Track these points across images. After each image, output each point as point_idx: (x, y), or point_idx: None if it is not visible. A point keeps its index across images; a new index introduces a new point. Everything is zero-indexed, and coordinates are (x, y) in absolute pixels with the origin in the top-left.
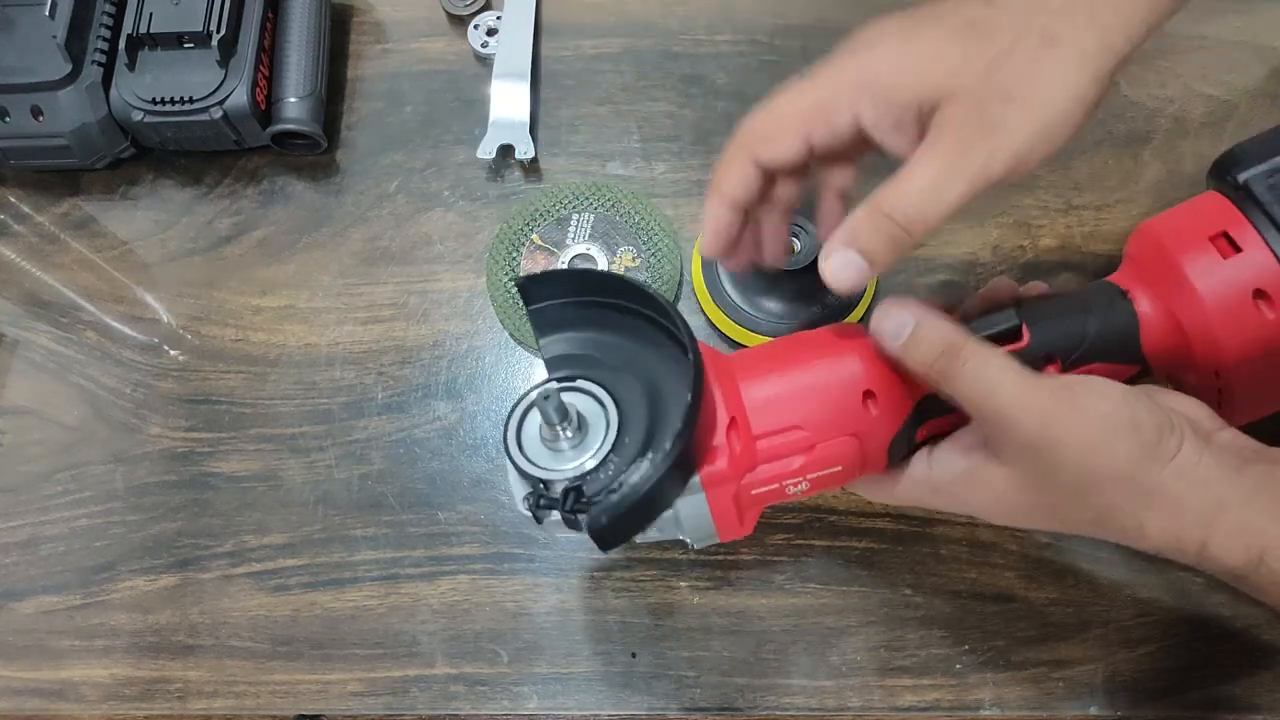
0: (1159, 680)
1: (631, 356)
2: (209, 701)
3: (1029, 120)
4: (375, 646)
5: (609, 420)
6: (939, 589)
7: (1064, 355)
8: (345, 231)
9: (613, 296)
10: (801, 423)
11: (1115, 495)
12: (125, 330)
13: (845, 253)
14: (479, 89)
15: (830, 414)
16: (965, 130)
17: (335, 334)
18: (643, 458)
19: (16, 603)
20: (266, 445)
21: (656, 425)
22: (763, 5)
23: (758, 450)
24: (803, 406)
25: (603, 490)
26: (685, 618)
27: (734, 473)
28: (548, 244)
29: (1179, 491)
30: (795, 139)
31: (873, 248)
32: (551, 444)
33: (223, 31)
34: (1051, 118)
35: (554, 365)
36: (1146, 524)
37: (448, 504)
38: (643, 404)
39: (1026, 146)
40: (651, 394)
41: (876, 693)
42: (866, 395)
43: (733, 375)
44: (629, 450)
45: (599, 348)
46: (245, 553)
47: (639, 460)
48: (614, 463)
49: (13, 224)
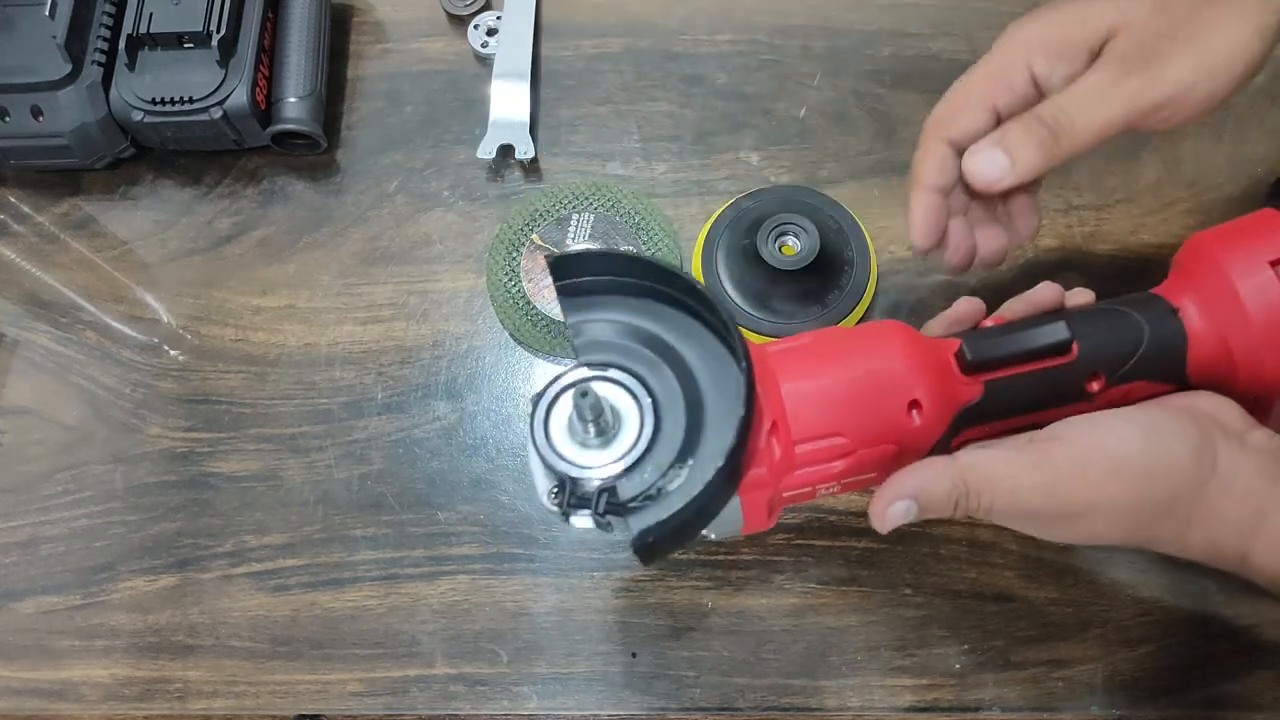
0: (1159, 680)
1: (667, 347)
2: (209, 701)
3: (1189, 57)
4: (375, 646)
5: (643, 416)
6: (939, 589)
7: (1109, 371)
8: (345, 231)
9: (652, 282)
10: (843, 430)
11: (1157, 525)
12: (125, 330)
13: (991, 150)
14: (479, 89)
15: (873, 422)
16: (1127, 58)
17: (335, 334)
18: (683, 464)
19: (16, 603)
20: (266, 445)
21: (696, 426)
22: (763, 5)
23: (796, 455)
24: (846, 413)
25: (640, 495)
26: (685, 618)
27: (773, 479)
28: (548, 244)
29: (1219, 508)
30: (980, 110)
31: (1018, 147)
32: (580, 437)
33: (223, 31)
34: (1212, 61)
35: (583, 350)
36: (1188, 540)
37: (448, 504)
38: (679, 399)
39: (1185, 83)
40: (688, 389)
41: (876, 693)
42: (912, 405)
43: (774, 374)
44: (666, 452)
45: (632, 334)
46: (245, 553)
47: (679, 466)
48: (650, 465)
49: (13, 224)
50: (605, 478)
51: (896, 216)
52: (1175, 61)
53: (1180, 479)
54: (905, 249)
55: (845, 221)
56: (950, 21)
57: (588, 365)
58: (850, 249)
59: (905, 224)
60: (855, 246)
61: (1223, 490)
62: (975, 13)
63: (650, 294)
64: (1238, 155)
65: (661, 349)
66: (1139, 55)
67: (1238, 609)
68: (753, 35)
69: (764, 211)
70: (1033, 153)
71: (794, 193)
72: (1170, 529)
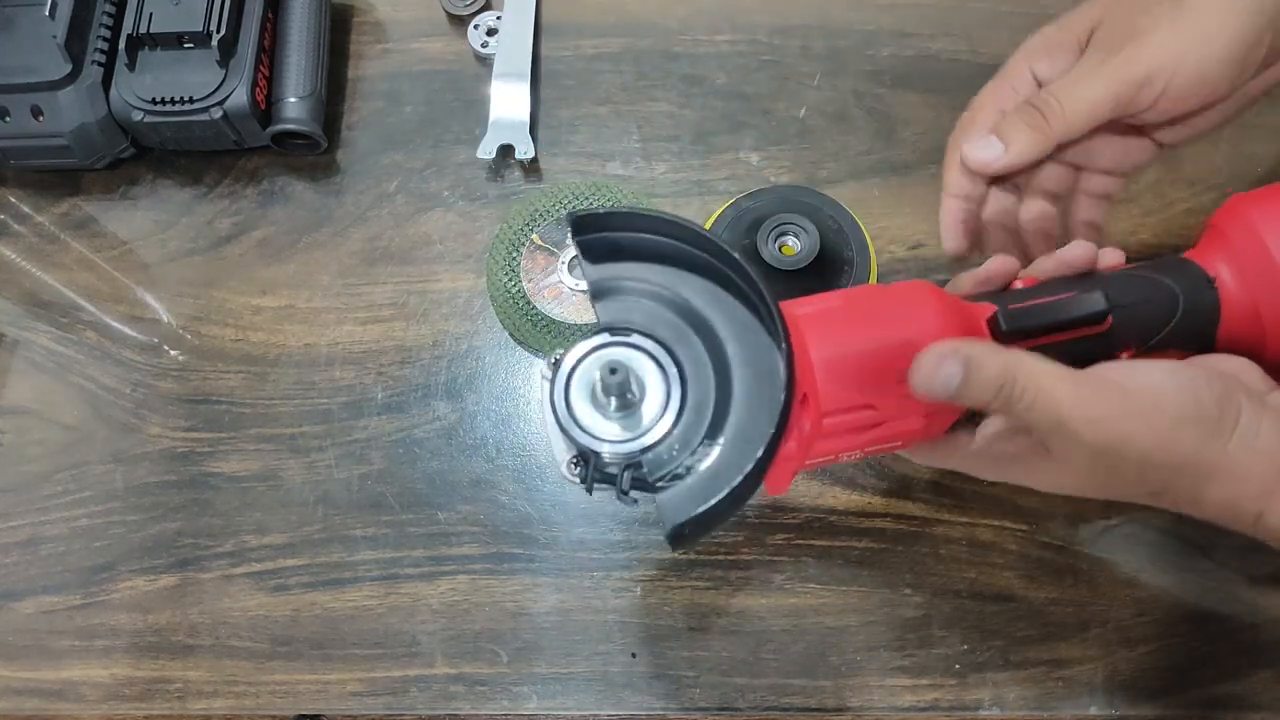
0: (1159, 680)
1: (693, 313)
2: (209, 701)
3: (1167, 28)
4: (375, 646)
5: (669, 388)
6: (939, 589)
7: (1141, 342)
8: (345, 231)
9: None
10: (873, 402)
11: (1177, 476)
12: (125, 330)
13: (987, 137)
14: (479, 89)
15: (904, 395)
16: (1109, 40)
17: (335, 334)
18: (712, 441)
19: (16, 603)
20: (266, 445)
21: (724, 400)
22: (763, 5)
23: (824, 425)
24: (877, 385)
25: (666, 473)
26: (685, 618)
27: (800, 452)
28: (548, 244)
29: (1240, 464)
30: (992, 116)
31: (1010, 131)
32: (603, 407)
33: (223, 31)
34: (1195, 31)
35: (605, 314)
36: (1204, 495)
37: (448, 504)
38: (707, 370)
39: (1168, 54)
40: (716, 359)
41: (876, 693)
42: None
43: (804, 342)
44: (694, 427)
45: (656, 298)
46: (245, 553)
47: (708, 444)
48: (677, 441)
49: (13, 224)
50: (630, 453)
51: (896, 216)
52: (1155, 35)
53: (1206, 428)
54: (905, 249)
55: (845, 221)
56: (950, 21)
57: (610, 331)
58: (850, 249)
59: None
60: (855, 246)
61: (1244, 446)
62: (975, 13)
63: (677, 257)
64: (1238, 155)
65: (687, 315)
66: (1120, 36)
67: (1237, 609)
68: (753, 35)
69: (764, 211)
70: (1024, 134)
71: (794, 193)
72: (1188, 483)
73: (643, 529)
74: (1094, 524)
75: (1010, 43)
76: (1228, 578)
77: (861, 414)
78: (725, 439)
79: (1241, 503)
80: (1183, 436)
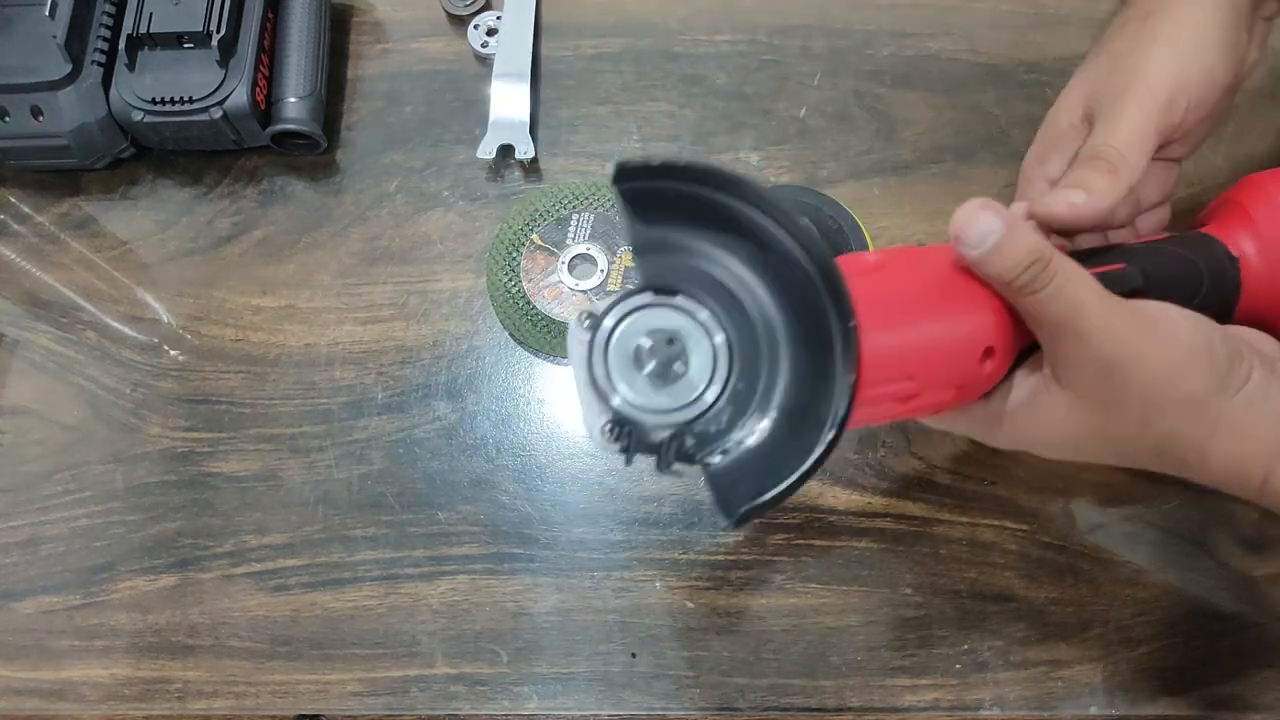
0: (1159, 680)
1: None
2: (209, 701)
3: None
4: (375, 646)
5: (715, 354)
6: (939, 589)
7: None
8: (345, 231)
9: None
10: (913, 375)
11: (1182, 422)
12: (125, 330)
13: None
14: (479, 89)
15: (944, 369)
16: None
17: (335, 334)
18: (762, 415)
19: (16, 603)
20: (266, 445)
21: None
22: (763, 5)
23: (862, 396)
24: (919, 359)
25: (713, 446)
26: (685, 618)
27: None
28: (548, 244)
29: (1247, 421)
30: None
31: (1090, 180)
32: (644, 373)
33: (223, 31)
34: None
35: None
36: (1210, 453)
37: (448, 504)
38: (753, 336)
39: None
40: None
41: (876, 693)
42: (986, 352)
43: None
44: (741, 397)
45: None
46: (245, 553)
47: (757, 416)
48: (725, 413)
49: (13, 224)
50: (677, 424)
51: (897, 216)
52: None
53: (1216, 376)
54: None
55: (845, 221)
56: (950, 21)
57: (654, 290)
58: (850, 248)
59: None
60: (855, 246)
61: (1252, 406)
62: (975, 13)
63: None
64: (1238, 155)
65: (735, 279)
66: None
67: (1238, 609)
68: (753, 35)
69: None
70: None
71: (794, 193)
72: (1192, 431)
73: (643, 529)
74: (1094, 524)
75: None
76: (1228, 578)
77: (900, 385)
78: (774, 412)
79: (1247, 463)
80: (1193, 372)
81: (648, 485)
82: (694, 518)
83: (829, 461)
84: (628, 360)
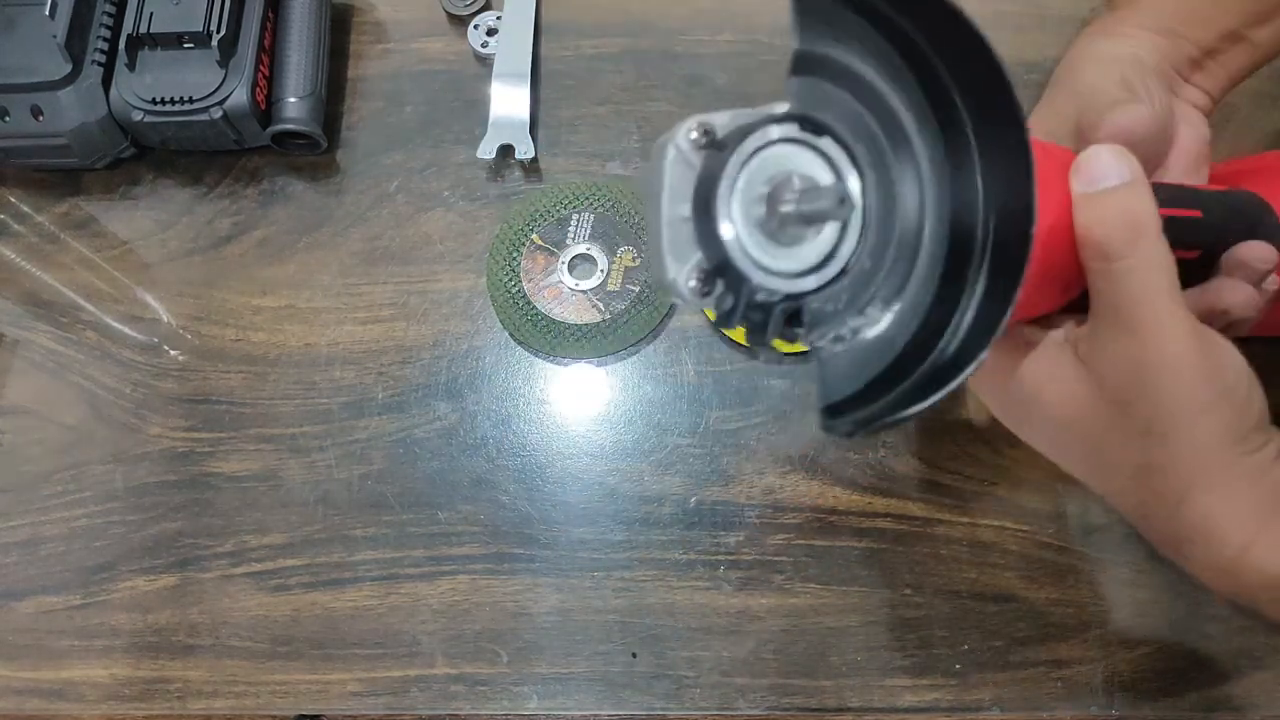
0: (1159, 680)
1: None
2: (209, 701)
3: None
4: (375, 646)
5: (848, 219)
6: (939, 589)
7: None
8: (345, 231)
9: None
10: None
11: (1178, 454)
12: (125, 330)
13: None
14: (479, 89)
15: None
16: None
17: (335, 334)
18: (888, 305)
19: (16, 603)
20: (266, 445)
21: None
22: (763, 5)
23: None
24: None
25: (826, 331)
26: (685, 618)
27: None
28: (548, 244)
29: (1244, 481)
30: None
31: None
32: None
33: (223, 31)
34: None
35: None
36: (1192, 499)
37: (448, 504)
38: (895, 208)
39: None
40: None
41: (876, 693)
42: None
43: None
44: (866, 278)
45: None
46: (245, 553)
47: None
48: (847, 290)
49: (13, 224)
50: (794, 293)
51: None
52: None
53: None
54: None
55: None
56: None
57: (800, 122)
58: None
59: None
60: None
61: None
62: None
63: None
64: (1238, 155)
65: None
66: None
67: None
68: (753, 35)
69: None
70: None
71: None
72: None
73: (643, 529)
74: (1095, 525)
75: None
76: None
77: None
78: (901, 305)
79: (1228, 525)
80: (1218, 413)
81: (648, 485)
82: (694, 518)
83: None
84: (747, 202)
